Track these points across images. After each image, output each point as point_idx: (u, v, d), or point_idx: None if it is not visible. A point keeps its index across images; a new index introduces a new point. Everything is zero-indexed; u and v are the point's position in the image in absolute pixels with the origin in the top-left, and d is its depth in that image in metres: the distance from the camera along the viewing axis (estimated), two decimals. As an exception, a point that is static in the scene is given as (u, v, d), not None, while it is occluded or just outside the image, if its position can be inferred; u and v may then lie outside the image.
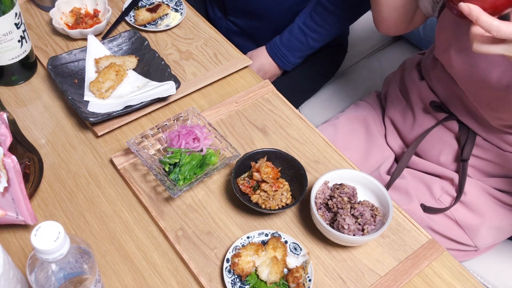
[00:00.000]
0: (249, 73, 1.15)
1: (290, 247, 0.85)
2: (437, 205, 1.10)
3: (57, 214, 0.90)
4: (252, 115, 1.06)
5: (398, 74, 1.26)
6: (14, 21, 1.00)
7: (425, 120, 1.14)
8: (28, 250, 0.85)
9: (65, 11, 1.21)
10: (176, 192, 0.87)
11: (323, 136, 1.03)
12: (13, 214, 0.83)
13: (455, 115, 1.08)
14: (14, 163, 0.80)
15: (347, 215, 0.84)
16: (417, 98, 1.16)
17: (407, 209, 1.07)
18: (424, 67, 1.17)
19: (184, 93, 1.08)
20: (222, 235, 0.88)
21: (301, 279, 0.79)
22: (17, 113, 1.04)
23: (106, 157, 0.98)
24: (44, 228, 0.61)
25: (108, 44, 1.14)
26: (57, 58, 1.08)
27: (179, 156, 0.91)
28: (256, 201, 0.89)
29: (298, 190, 0.91)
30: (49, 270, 0.64)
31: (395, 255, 0.87)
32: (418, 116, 1.15)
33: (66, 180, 0.94)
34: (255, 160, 0.93)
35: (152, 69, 1.11)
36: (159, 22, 1.24)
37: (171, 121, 0.97)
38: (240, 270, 0.80)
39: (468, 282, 0.85)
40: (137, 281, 0.83)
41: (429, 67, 1.13)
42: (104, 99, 1.04)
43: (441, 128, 1.11)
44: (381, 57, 1.62)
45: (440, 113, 1.10)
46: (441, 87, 1.10)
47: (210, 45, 1.20)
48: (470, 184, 1.07)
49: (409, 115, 1.18)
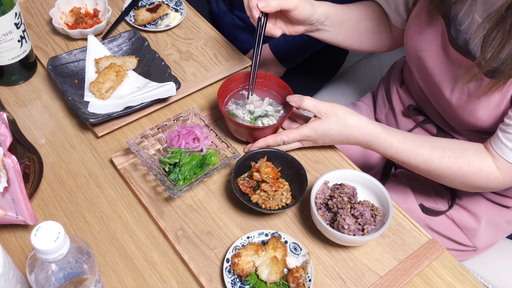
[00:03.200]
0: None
1: (290, 247, 0.85)
2: (435, 204, 1.10)
3: (57, 214, 0.90)
4: (252, 115, 1.06)
5: (387, 77, 1.28)
6: (14, 21, 1.00)
7: (406, 123, 1.17)
8: (28, 250, 0.85)
9: (65, 11, 1.21)
10: (176, 192, 0.87)
11: (323, 136, 1.03)
12: (13, 214, 0.83)
13: (431, 118, 1.10)
14: (14, 163, 0.80)
15: (347, 215, 0.84)
16: (398, 101, 1.19)
17: (406, 207, 1.08)
18: (405, 71, 1.19)
19: (184, 94, 1.08)
20: (222, 235, 0.88)
21: (301, 279, 0.79)
22: (17, 113, 1.04)
23: (106, 157, 0.98)
24: (44, 228, 0.61)
25: (108, 44, 1.14)
26: (57, 58, 1.08)
27: (179, 156, 0.91)
28: (256, 201, 0.89)
29: (298, 190, 0.91)
30: (49, 270, 0.64)
31: (395, 255, 0.87)
32: (399, 119, 1.18)
33: (66, 180, 0.94)
34: (255, 160, 0.93)
35: (152, 69, 1.11)
36: (159, 22, 1.24)
37: (171, 121, 0.97)
38: (240, 270, 0.80)
39: (468, 282, 0.85)
40: (137, 281, 0.83)
41: (408, 71, 1.15)
42: (104, 99, 1.04)
43: (421, 130, 1.14)
44: (381, 57, 1.62)
45: (418, 116, 1.13)
46: (416, 91, 1.13)
47: (210, 45, 1.20)
48: None
49: (391, 118, 1.21)
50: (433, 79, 1.00)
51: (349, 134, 0.94)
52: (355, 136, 0.94)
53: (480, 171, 0.93)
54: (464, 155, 0.93)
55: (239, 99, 1.03)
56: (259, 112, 1.01)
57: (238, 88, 1.04)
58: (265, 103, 1.03)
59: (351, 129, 0.93)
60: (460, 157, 0.93)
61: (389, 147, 0.94)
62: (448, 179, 0.96)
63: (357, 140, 0.95)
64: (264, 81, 1.04)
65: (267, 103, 1.03)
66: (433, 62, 0.99)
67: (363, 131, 0.93)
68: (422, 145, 0.94)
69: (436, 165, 0.94)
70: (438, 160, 0.93)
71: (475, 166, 0.93)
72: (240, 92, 1.04)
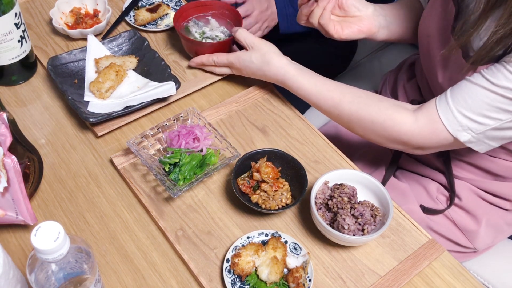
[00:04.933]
0: (249, 73, 1.16)
1: (290, 247, 0.85)
2: (435, 205, 1.10)
3: (57, 214, 0.90)
4: (252, 115, 1.06)
5: (393, 73, 1.27)
6: (14, 21, 1.00)
7: None
8: (28, 250, 0.85)
9: (65, 11, 1.21)
10: (176, 192, 0.87)
11: (323, 136, 1.03)
12: (13, 214, 0.83)
13: None
14: (14, 163, 0.79)
15: (347, 215, 0.84)
16: (403, 97, 1.19)
17: (407, 208, 1.08)
18: (417, 65, 1.19)
19: (184, 93, 1.08)
20: (222, 235, 0.88)
21: (301, 279, 0.79)
22: (17, 113, 1.04)
23: (106, 157, 0.98)
24: (44, 228, 0.61)
25: (108, 44, 1.14)
26: (57, 58, 1.08)
27: (179, 156, 0.91)
28: (256, 201, 0.89)
29: (298, 190, 0.91)
30: (49, 270, 0.64)
31: (395, 255, 0.87)
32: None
33: (66, 180, 0.94)
34: (255, 160, 0.93)
35: (152, 69, 1.11)
36: (159, 22, 1.24)
37: (171, 121, 0.97)
38: (240, 270, 0.80)
39: (468, 282, 0.85)
40: (137, 281, 0.83)
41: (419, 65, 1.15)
42: (104, 99, 1.04)
43: None
44: (381, 57, 1.62)
45: None
46: (424, 85, 1.12)
47: (210, 45, 1.20)
48: (462, 189, 1.08)
49: None
50: (432, 65, 1.00)
51: (267, 71, 1.02)
52: (271, 73, 1.01)
53: (391, 119, 0.92)
54: (377, 104, 0.94)
55: (202, 21, 1.18)
56: (209, 34, 1.15)
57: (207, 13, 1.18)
58: (218, 29, 1.16)
59: (268, 66, 1.01)
60: (372, 105, 0.94)
61: (300, 87, 1.00)
62: (358, 125, 0.96)
63: (273, 78, 1.02)
64: (228, 13, 1.17)
65: (220, 30, 1.16)
66: (435, 48, 0.99)
67: (279, 70, 1.01)
68: (334, 89, 0.98)
69: (344, 109, 0.96)
70: (346, 104, 0.95)
71: (387, 115, 0.93)
72: (206, 17, 1.18)
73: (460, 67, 0.90)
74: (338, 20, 1.08)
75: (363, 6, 1.09)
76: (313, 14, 1.04)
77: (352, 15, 1.09)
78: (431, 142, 0.91)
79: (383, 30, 1.12)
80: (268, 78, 1.03)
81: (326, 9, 1.03)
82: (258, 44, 1.02)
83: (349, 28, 1.08)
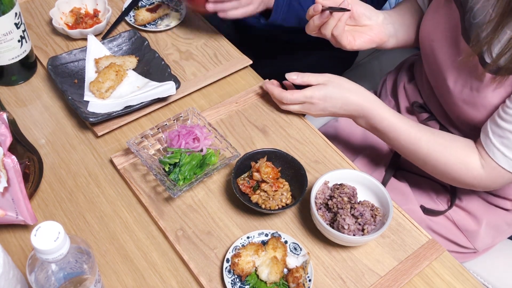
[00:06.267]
0: (249, 73, 1.15)
1: (290, 247, 0.85)
2: (436, 206, 1.10)
3: (57, 214, 0.90)
4: (252, 115, 1.06)
5: (393, 74, 1.27)
6: (14, 21, 1.00)
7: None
8: (28, 250, 0.85)
9: (65, 11, 1.21)
10: (176, 192, 0.87)
11: (323, 136, 1.03)
12: (13, 214, 0.83)
13: (435, 115, 1.09)
14: (14, 163, 0.80)
15: (347, 215, 0.84)
16: (403, 99, 1.18)
17: (407, 209, 1.08)
18: (416, 66, 1.19)
19: (184, 93, 1.08)
20: (222, 235, 0.88)
21: (301, 279, 0.79)
22: (17, 113, 1.04)
23: (106, 157, 0.98)
24: (44, 228, 0.61)
25: (108, 44, 1.14)
26: (57, 58, 1.08)
27: (179, 156, 0.91)
28: (256, 201, 0.89)
29: (298, 190, 0.91)
30: (49, 270, 0.64)
31: (395, 255, 0.87)
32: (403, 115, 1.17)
33: (66, 180, 0.94)
34: (255, 160, 0.93)
35: (152, 69, 1.11)
36: (159, 22, 1.24)
37: (171, 121, 0.97)
38: (240, 270, 0.80)
39: (468, 282, 0.85)
40: (137, 281, 0.83)
41: (419, 66, 1.14)
42: (104, 99, 1.04)
43: None
44: (381, 57, 1.62)
45: (422, 113, 1.12)
46: (424, 87, 1.12)
47: (210, 45, 1.20)
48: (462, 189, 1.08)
49: None
50: (440, 69, 1.00)
51: (349, 97, 0.96)
52: (353, 98, 0.96)
53: (463, 164, 0.92)
54: (452, 145, 0.94)
55: None
56: None
57: None
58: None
59: (350, 93, 0.96)
60: (448, 146, 0.94)
61: (385, 118, 0.95)
62: (431, 164, 0.96)
63: (355, 105, 0.96)
64: None
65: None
66: (442, 52, 0.98)
67: (363, 96, 0.96)
68: (412, 125, 0.96)
69: (423, 148, 0.94)
70: (425, 143, 0.94)
71: (460, 159, 0.93)
72: None
73: (475, 71, 0.90)
74: (349, 30, 1.06)
75: (374, 14, 1.07)
76: (326, 26, 1.00)
77: (362, 24, 1.07)
78: (498, 184, 0.95)
79: (392, 39, 1.11)
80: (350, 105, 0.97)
81: (341, 21, 0.99)
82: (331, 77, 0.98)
83: (360, 38, 1.05)
